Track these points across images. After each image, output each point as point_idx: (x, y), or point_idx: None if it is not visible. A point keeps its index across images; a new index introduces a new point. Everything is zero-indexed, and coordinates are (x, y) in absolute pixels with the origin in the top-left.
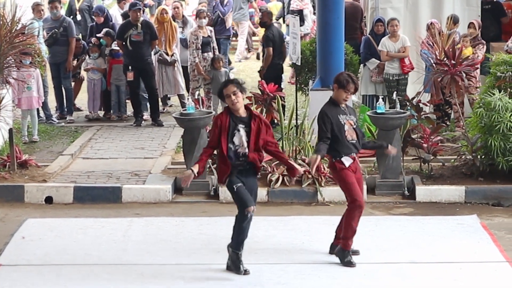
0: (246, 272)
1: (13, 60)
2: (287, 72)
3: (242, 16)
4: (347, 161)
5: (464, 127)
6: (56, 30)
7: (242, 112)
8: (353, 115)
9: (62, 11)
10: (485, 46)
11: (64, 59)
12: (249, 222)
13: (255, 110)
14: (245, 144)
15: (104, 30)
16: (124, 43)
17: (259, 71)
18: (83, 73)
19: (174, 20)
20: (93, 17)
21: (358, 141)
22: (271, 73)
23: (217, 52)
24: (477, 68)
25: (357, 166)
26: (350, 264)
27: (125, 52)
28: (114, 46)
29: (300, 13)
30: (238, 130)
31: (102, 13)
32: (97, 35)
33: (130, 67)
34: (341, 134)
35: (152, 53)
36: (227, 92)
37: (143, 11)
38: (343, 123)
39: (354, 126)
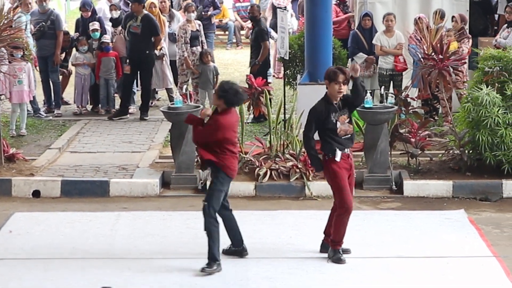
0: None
1: (3, 53)
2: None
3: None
4: (338, 156)
5: (452, 122)
6: (43, 23)
7: None
8: (346, 107)
9: (51, 4)
10: (470, 40)
11: (52, 52)
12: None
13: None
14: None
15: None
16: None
17: (252, 66)
18: (71, 67)
19: (161, 14)
20: (80, 11)
21: (352, 134)
22: (259, 67)
23: (205, 46)
24: (465, 62)
25: (351, 162)
26: (339, 261)
27: (126, 44)
28: (104, 38)
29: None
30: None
31: (89, 8)
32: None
33: (127, 60)
34: (333, 132)
35: (157, 53)
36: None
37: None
38: (335, 121)
39: (347, 121)
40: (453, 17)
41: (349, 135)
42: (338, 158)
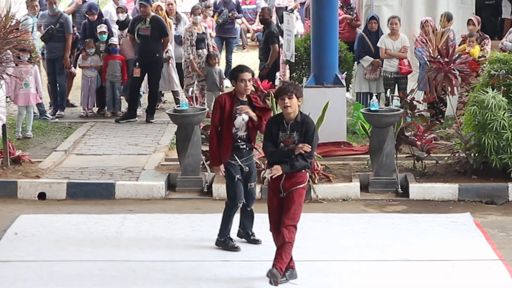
0: (237, 249)
1: (9, 55)
2: None
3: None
4: (268, 174)
5: (458, 124)
6: (52, 26)
7: (243, 98)
8: (301, 130)
9: (61, 7)
10: (490, 41)
11: (60, 55)
12: (236, 211)
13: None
14: (244, 127)
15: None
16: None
17: (261, 69)
18: (76, 70)
19: (167, 17)
20: (86, 15)
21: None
22: (269, 70)
23: (211, 49)
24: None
25: (291, 183)
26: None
27: (134, 47)
28: (111, 41)
29: (286, 10)
30: (240, 114)
31: (95, 11)
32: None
33: (137, 64)
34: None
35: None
36: (243, 77)
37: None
38: (280, 142)
39: (293, 145)
40: (469, 20)
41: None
42: (268, 176)
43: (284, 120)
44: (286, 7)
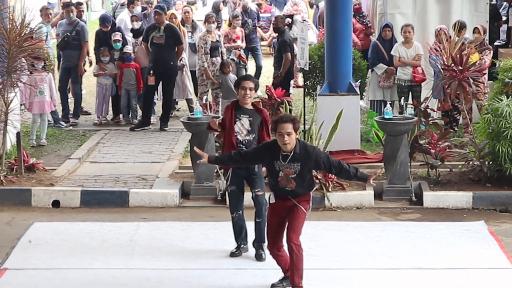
0: (233, 254)
1: (23, 63)
2: None
3: None
4: (272, 200)
5: (472, 133)
6: (68, 34)
7: (248, 106)
8: (303, 161)
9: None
10: (491, 51)
11: (76, 64)
12: (237, 220)
13: (260, 106)
14: (245, 132)
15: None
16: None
17: (275, 77)
18: (92, 78)
19: (183, 25)
20: (100, 27)
21: (297, 187)
22: (282, 78)
23: (225, 57)
24: (485, 73)
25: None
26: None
27: (149, 55)
28: (126, 49)
29: (291, 18)
30: (240, 119)
31: (109, 24)
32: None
33: (151, 72)
34: (275, 179)
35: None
36: (244, 85)
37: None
38: (278, 169)
39: (293, 176)
40: (475, 28)
41: (291, 189)
42: (272, 201)
43: (281, 149)
44: (292, 15)
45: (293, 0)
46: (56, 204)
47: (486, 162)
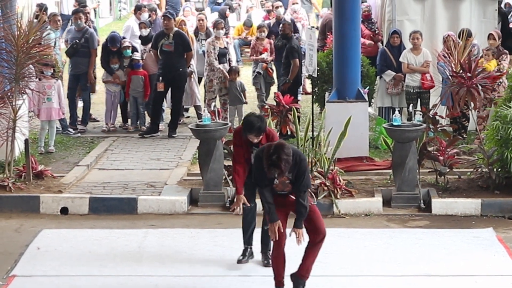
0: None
1: (31, 70)
2: None
3: None
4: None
5: (481, 140)
6: (77, 41)
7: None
8: (293, 171)
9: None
10: (508, 56)
11: (85, 71)
12: (247, 217)
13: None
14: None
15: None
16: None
17: (283, 84)
18: (100, 85)
19: (197, 32)
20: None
21: (294, 189)
22: (291, 84)
23: (232, 64)
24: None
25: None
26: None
27: (158, 63)
28: (134, 56)
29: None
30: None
31: (117, 44)
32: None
33: (160, 78)
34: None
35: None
36: (249, 138)
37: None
38: (273, 177)
39: (288, 181)
40: (489, 34)
41: (286, 192)
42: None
43: None
44: (313, 26)
45: (292, 7)
46: (64, 211)
47: (495, 169)
